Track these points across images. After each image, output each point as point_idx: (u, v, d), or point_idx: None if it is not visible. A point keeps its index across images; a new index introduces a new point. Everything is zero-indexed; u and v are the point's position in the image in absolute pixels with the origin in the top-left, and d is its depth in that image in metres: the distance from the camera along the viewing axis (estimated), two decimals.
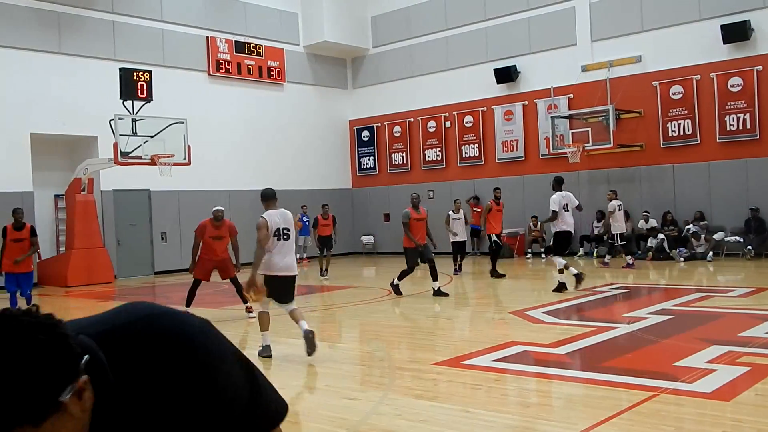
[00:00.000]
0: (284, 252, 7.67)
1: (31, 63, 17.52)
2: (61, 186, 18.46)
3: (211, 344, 1.20)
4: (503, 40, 21.04)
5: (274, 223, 7.66)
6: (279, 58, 22.95)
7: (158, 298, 15.34)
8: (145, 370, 1.09)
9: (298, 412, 5.54)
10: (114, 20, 19.17)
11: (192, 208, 20.23)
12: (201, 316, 1.26)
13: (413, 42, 23.25)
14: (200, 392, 1.13)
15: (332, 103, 24.64)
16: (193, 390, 1.12)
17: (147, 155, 16.04)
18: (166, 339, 1.14)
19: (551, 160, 19.84)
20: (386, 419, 5.20)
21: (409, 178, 23.42)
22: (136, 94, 16.16)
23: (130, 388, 1.08)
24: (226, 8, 21.65)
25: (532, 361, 7.15)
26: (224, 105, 21.28)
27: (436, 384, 6.27)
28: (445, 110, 22.55)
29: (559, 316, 9.58)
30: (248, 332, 9.77)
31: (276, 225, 7.66)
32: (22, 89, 17.26)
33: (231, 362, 1.23)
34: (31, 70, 17.48)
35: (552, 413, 5.30)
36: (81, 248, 17.28)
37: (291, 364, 7.67)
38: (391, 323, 10.31)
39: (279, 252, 7.62)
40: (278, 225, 7.68)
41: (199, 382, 1.13)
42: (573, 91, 19.62)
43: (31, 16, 17.62)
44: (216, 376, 1.16)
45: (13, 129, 17.10)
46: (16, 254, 11.22)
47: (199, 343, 1.17)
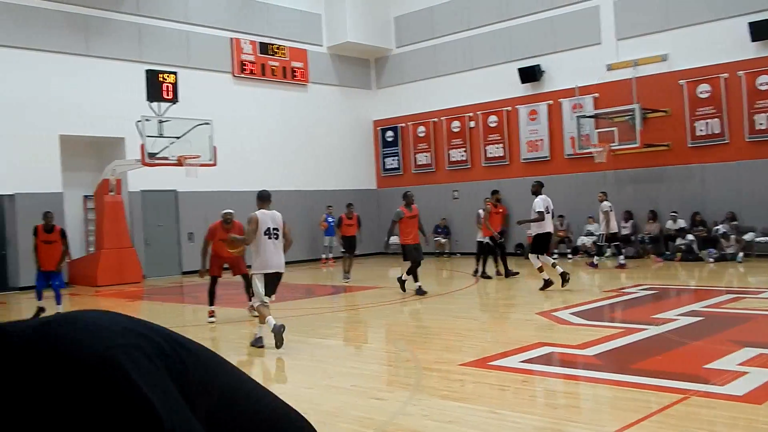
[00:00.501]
0: (275, 250, 8.45)
1: (59, 65, 17.76)
2: (89, 187, 18.70)
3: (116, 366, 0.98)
4: (527, 40, 20.94)
5: (264, 222, 8.39)
6: (302, 59, 23.04)
7: (186, 297, 15.48)
8: (21, 377, 0.98)
9: (326, 411, 5.55)
10: (140, 23, 19.37)
11: (218, 209, 20.17)
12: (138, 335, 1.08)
13: (437, 42, 23.22)
14: (82, 414, 0.96)
15: (356, 104, 24.70)
16: (74, 410, 0.96)
17: (173, 156, 16.18)
18: (51, 347, 0.99)
19: (577, 160, 19.70)
20: (414, 420, 5.20)
21: (434, 179, 23.39)
22: (162, 96, 16.31)
23: (10, 396, 0.98)
24: (250, 10, 21.79)
25: (560, 362, 7.11)
26: (249, 106, 21.42)
27: (462, 385, 6.26)
28: (469, 110, 22.50)
29: (587, 317, 9.51)
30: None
31: (266, 224, 8.40)
32: (51, 91, 17.50)
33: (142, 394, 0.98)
34: (59, 72, 17.72)
35: (580, 415, 5.27)
36: (110, 248, 17.50)
37: (319, 364, 7.70)
38: (417, 324, 10.31)
39: (269, 250, 8.38)
40: (268, 224, 8.42)
41: (82, 401, 0.96)
42: (598, 91, 19.47)
43: (59, 19, 17.87)
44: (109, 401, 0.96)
45: (43, 131, 17.35)
46: (48, 255, 11.65)
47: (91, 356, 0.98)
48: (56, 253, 11.83)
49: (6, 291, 17.18)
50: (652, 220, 18.29)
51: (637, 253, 18.40)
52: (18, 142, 16.90)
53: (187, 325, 11.52)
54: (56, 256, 11.84)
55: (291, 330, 9.95)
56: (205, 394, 1.13)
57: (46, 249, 11.76)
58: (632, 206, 18.91)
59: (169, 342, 1.12)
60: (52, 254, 11.78)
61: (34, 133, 17.19)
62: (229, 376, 1.26)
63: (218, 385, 1.19)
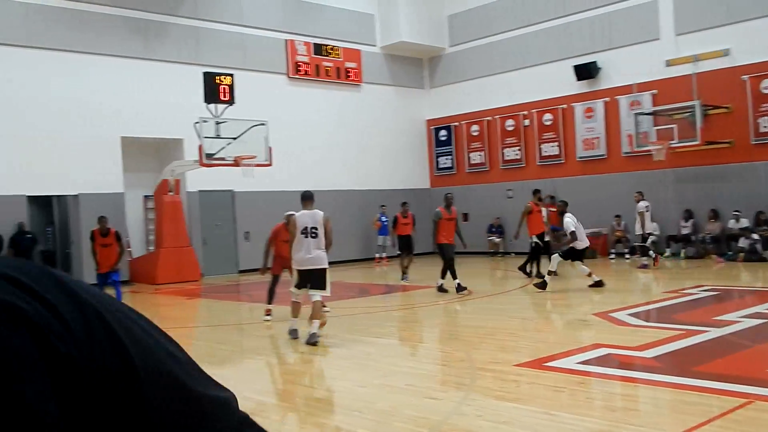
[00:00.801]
0: (311, 248, 8.72)
1: (120, 69, 18.24)
2: (149, 187, 19.16)
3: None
4: (583, 36, 20.63)
5: (302, 222, 8.78)
6: (356, 60, 23.17)
7: (242, 295, 15.74)
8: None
9: (380, 410, 5.58)
10: (197, 26, 19.76)
11: (273, 209, 20.58)
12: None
13: (490, 40, 23.06)
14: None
15: (409, 103, 24.71)
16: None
17: (230, 157, 16.45)
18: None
19: (634, 158, 19.33)
20: (468, 420, 5.19)
21: (488, 178, 23.25)
22: (219, 98, 16.60)
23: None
24: (304, 11, 22.01)
25: (618, 364, 6.99)
26: (303, 107, 21.63)
27: (517, 385, 6.22)
28: (523, 108, 22.29)
29: (646, 318, 9.33)
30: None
31: (303, 224, 8.77)
32: (112, 95, 17.99)
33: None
34: (120, 76, 18.20)
35: (639, 418, 5.18)
36: (169, 247, 17.90)
37: (373, 363, 7.74)
38: (471, 323, 10.26)
39: (304, 248, 8.71)
40: (306, 224, 8.77)
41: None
42: (657, 87, 19.05)
43: (119, 24, 18.35)
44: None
45: (106, 133, 17.85)
46: (105, 257, 12.15)
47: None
48: (113, 256, 12.24)
49: None
50: (714, 219, 17.81)
51: (698, 254, 17.94)
52: (81, 145, 17.42)
53: (243, 322, 11.71)
54: (113, 258, 12.24)
55: (346, 329, 10.03)
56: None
57: (103, 252, 12.22)
58: (692, 205, 18.46)
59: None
60: (108, 257, 12.21)
61: (97, 135, 17.70)
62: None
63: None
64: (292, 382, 6.98)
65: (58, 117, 17.13)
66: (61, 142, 17.13)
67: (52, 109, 17.06)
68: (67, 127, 17.24)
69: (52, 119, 17.06)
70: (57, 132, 17.11)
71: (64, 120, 17.20)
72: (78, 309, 0.73)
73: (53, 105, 17.09)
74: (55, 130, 17.07)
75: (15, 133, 16.51)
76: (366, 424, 5.25)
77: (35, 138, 16.75)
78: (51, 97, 17.07)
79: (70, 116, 17.30)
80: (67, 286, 0.75)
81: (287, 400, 6.08)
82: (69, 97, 17.32)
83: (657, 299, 11.09)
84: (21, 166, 16.47)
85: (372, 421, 5.32)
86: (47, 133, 16.96)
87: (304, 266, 8.75)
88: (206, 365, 3.44)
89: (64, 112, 17.24)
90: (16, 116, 16.54)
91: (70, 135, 17.27)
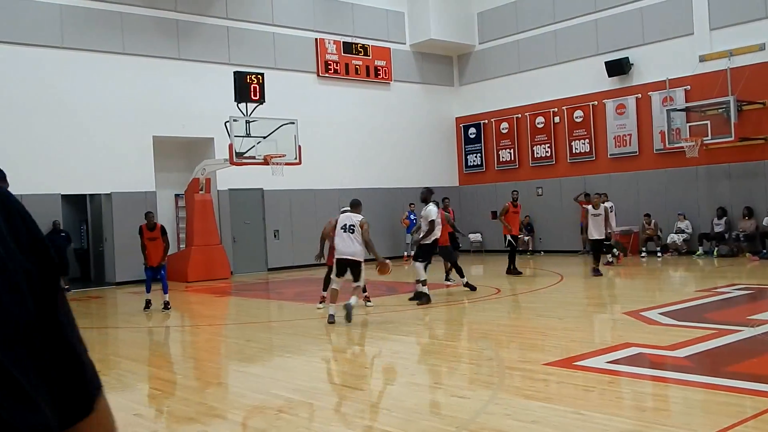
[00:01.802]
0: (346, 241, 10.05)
1: (152, 69, 18.46)
2: (180, 186, 19.37)
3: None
4: (615, 32, 20.41)
5: (341, 221, 10.24)
6: (386, 58, 23.18)
7: (271, 293, 15.84)
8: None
9: (408, 408, 5.59)
10: (228, 26, 19.92)
11: (303, 207, 20.78)
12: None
13: (520, 37, 22.92)
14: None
15: (439, 101, 24.67)
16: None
17: (260, 155, 16.56)
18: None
19: (667, 155, 19.09)
20: (496, 419, 5.18)
21: (517, 175, 23.11)
22: (250, 97, 16.72)
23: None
24: (334, 10, 22.07)
25: (649, 363, 6.92)
26: (333, 105, 21.70)
27: (546, 385, 6.18)
28: (553, 105, 22.12)
29: (677, 317, 9.21)
30: (367, 322, 9.94)
31: (342, 222, 10.21)
32: (145, 94, 18.22)
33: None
34: (153, 76, 18.43)
35: (670, 418, 5.12)
36: (200, 245, 18.09)
37: (401, 361, 7.77)
38: (499, 322, 10.22)
39: (340, 241, 10.08)
40: (344, 222, 10.18)
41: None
42: (690, 83, 18.78)
43: (152, 24, 18.57)
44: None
45: (138, 133, 18.09)
46: (153, 251, 12.68)
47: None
48: (159, 249, 12.74)
49: (103, 286, 18.02)
50: (748, 217, 17.52)
51: (731, 252, 17.67)
52: (114, 144, 17.67)
53: (272, 320, 11.80)
54: (160, 251, 12.74)
55: (374, 327, 10.06)
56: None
57: (150, 246, 12.71)
58: (726, 202, 18.17)
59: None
60: (156, 250, 12.71)
61: (130, 134, 17.95)
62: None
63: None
64: (321, 380, 7.02)
65: (91, 117, 17.40)
66: (94, 142, 17.39)
67: (85, 109, 17.33)
68: (101, 127, 17.50)
69: (86, 119, 17.33)
70: (90, 132, 17.38)
71: (97, 120, 17.47)
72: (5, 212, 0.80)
73: (87, 105, 17.36)
74: (88, 129, 17.35)
75: (49, 133, 16.80)
76: (394, 422, 5.27)
77: (69, 138, 17.04)
78: (84, 98, 17.34)
79: (103, 116, 17.55)
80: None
81: (316, 397, 6.11)
82: (102, 97, 17.57)
83: (689, 298, 10.95)
84: (55, 166, 16.76)
85: (400, 419, 5.33)
86: (81, 132, 17.24)
87: (341, 255, 10.07)
88: (236, 362, 3.53)
89: (98, 112, 17.50)
90: (50, 116, 16.84)
91: (103, 135, 17.53)
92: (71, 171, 17.04)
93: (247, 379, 7.16)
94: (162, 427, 5.57)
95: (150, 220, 12.80)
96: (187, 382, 7.29)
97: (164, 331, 11.22)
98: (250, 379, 7.09)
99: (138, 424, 5.55)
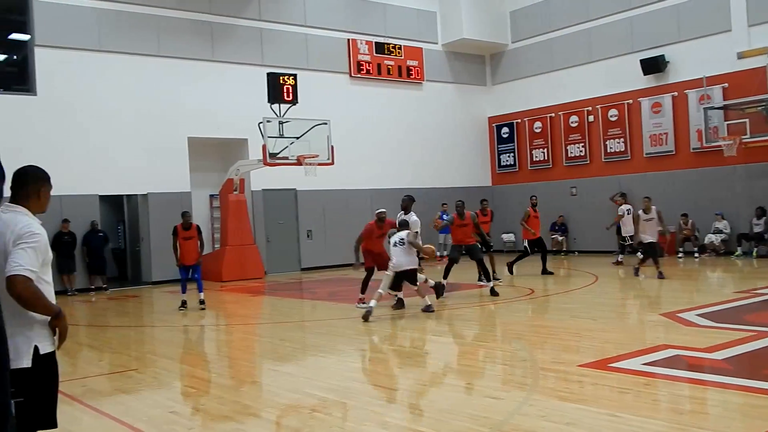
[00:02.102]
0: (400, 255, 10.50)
1: (187, 71, 18.69)
2: (215, 186, 19.58)
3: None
4: (650, 29, 20.14)
5: (393, 239, 10.63)
6: (418, 57, 23.16)
7: (304, 293, 15.93)
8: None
9: (441, 409, 5.58)
10: (261, 27, 20.08)
11: (335, 207, 20.86)
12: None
13: (553, 35, 22.74)
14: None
15: (471, 101, 24.58)
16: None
17: (293, 156, 16.68)
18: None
19: (704, 154, 18.79)
20: (530, 420, 5.14)
21: (551, 175, 22.94)
22: (283, 98, 16.83)
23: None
24: (366, 10, 22.12)
25: (686, 365, 6.82)
26: (365, 105, 21.75)
27: (581, 386, 6.13)
28: (588, 104, 21.90)
29: (715, 319, 9.06)
30: (402, 324, 9.94)
31: (394, 241, 10.53)
32: (180, 96, 18.46)
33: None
34: (187, 78, 18.65)
35: (707, 422, 5.04)
36: (234, 245, 18.26)
37: (433, 361, 7.75)
38: (533, 323, 10.16)
39: (396, 255, 10.53)
40: (395, 240, 10.55)
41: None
42: (728, 80, 18.46)
43: (187, 27, 18.79)
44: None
45: (173, 134, 18.33)
46: (188, 250, 12.88)
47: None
48: (194, 248, 12.94)
49: (140, 285, 18.28)
50: None
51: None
52: (150, 146, 17.93)
53: (305, 320, 11.86)
54: (194, 250, 12.94)
55: (406, 327, 10.06)
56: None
57: (186, 245, 12.90)
58: (765, 202, 17.83)
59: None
60: (191, 249, 12.91)
61: (166, 136, 18.19)
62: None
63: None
64: (354, 380, 7.04)
65: (128, 119, 17.68)
66: (130, 143, 17.67)
67: (122, 111, 17.61)
68: (137, 129, 17.77)
69: (123, 121, 17.61)
70: (127, 133, 17.66)
71: (133, 121, 17.74)
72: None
73: (123, 107, 17.63)
74: (125, 131, 17.62)
75: (87, 135, 17.10)
76: (427, 422, 5.26)
77: (106, 139, 17.32)
78: (121, 100, 17.62)
79: (139, 118, 17.82)
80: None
81: (349, 397, 6.14)
82: (138, 99, 17.84)
83: (727, 299, 10.76)
84: (93, 167, 17.06)
85: (433, 419, 5.33)
86: (118, 134, 17.52)
87: (399, 269, 10.55)
88: (270, 361, 3.56)
89: (134, 113, 17.77)
90: (88, 118, 17.13)
91: (139, 136, 17.79)
92: (108, 172, 17.33)
93: (280, 378, 7.21)
94: (197, 424, 5.63)
95: (186, 220, 13.00)
96: (221, 381, 7.37)
97: (199, 330, 11.35)
98: (284, 378, 7.14)
99: (174, 421, 5.63)
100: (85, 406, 6.29)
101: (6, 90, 16.98)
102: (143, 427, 5.49)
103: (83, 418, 5.96)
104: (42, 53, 16.71)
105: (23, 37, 17.19)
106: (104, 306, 14.76)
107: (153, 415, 5.87)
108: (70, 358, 8.70)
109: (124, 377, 7.53)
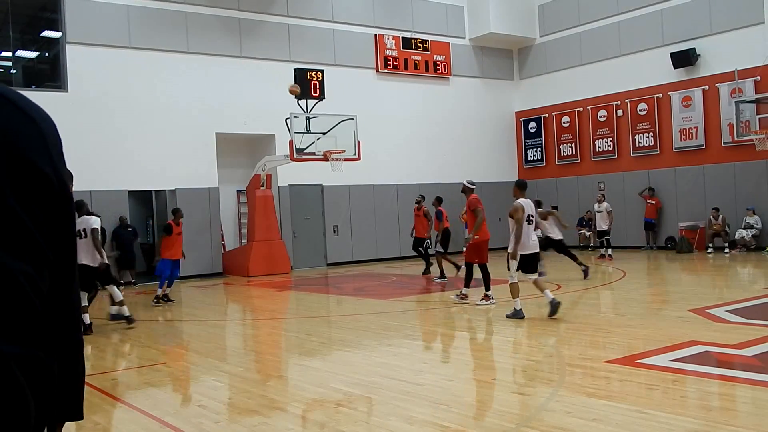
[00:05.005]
0: (530, 233, 9.60)
1: (215, 67, 18.83)
2: (242, 182, 19.71)
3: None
4: (681, 22, 19.86)
5: (525, 210, 9.55)
6: (445, 52, 23.08)
7: (331, 288, 15.99)
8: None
9: (467, 404, 5.58)
10: (289, 23, 20.15)
11: (361, 202, 20.89)
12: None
13: (582, 29, 22.53)
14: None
15: (498, 95, 24.45)
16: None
17: (320, 151, 16.72)
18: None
19: (735, 148, 18.50)
20: (557, 416, 5.12)
21: (578, 170, 22.75)
22: (310, 93, 16.88)
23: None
24: (393, 5, 22.08)
25: (715, 362, 6.74)
26: (392, 100, 21.74)
27: (608, 382, 6.08)
28: (616, 98, 21.68)
29: (746, 315, 8.93)
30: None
31: (527, 212, 9.56)
32: (208, 92, 18.61)
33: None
34: (215, 73, 18.79)
35: (737, 419, 4.98)
36: (261, 240, 18.37)
37: (460, 357, 7.75)
38: (560, 318, 10.09)
39: (527, 234, 9.53)
40: (528, 212, 9.57)
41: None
42: (760, 74, 18.15)
43: (215, 23, 18.93)
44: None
45: (201, 130, 18.48)
46: (180, 245, 13.41)
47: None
48: (181, 244, 13.54)
49: None
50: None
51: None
52: (178, 141, 18.11)
53: (332, 314, 11.90)
54: (181, 245, 13.53)
55: (434, 322, 10.05)
56: None
57: (179, 240, 13.43)
58: None
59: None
60: (181, 245, 13.49)
61: (193, 132, 18.36)
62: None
63: None
64: (380, 375, 7.05)
65: (156, 115, 17.86)
66: (159, 139, 17.85)
67: (151, 107, 17.79)
68: (165, 125, 17.95)
69: (151, 117, 17.79)
70: (155, 129, 17.84)
71: (162, 117, 17.92)
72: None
73: (152, 103, 17.82)
74: (153, 127, 17.81)
75: (116, 131, 17.31)
76: (453, 417, 5.26)
77: (135, 135, 17.52)
78: (150, 96, 17.81)
79: (167, 114, 18.00)
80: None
81: (374, 392, 6.15)
82: (166, 96, 18.02)
83: (758, 295, 10.60)
84: (122, 162, 17.26)
85: (459, 415, 5.33)
86: (146, 130, 17.71)
87: (531, 251, 9.67)
88: (296, 356, 3.60)
89: (163, 109, 17.95)
90: (117, 115, 17.34)
91: (167, 132, 17.97)
92: (137, 167, 17.53)
93: (307, 372, 7.25)
94: (224, 418, 5.69)
95: (178, 217, 13.42)
96: (248, 375, 7.43)
97: (226, 325, 11.45)
98: (310, 373, 7.18)
99: (201, 414, 5.69)
100: (115, 399, 6.39)
101: (38, 87, 17.26)
102: (171, 420, 5.56)
103: (112, 411, 6.05)
104: (73, 50, 16.94)
105: (55, 34, 17.44)
106: (133, 300, 14.93)
107: (181, 409, 5.94)
108: (99, 352, 8.84)
109: (152, 371, 7.62)
